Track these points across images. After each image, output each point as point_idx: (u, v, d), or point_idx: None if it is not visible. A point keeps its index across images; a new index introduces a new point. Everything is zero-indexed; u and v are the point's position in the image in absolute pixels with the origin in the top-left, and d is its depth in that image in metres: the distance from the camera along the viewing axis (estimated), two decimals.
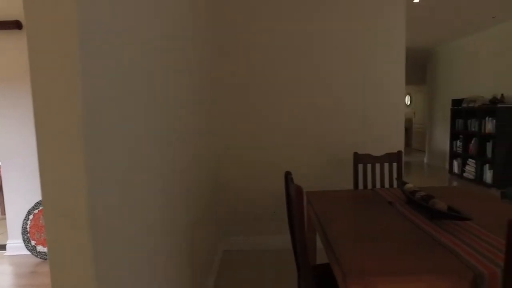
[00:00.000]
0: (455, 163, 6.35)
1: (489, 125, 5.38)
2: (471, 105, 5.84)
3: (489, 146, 5.41)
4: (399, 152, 2.41)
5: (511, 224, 0.92)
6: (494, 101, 5.33)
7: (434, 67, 7.62)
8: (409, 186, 1.93)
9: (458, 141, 6.27)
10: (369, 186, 2.80)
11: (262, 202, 3.02)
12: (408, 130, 10.91)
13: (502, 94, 5.36)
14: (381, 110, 2.94)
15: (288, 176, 1.63)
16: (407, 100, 11.12)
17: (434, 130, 7.66)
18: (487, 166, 5.45)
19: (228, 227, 3.05)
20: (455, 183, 5.88)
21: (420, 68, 9.38)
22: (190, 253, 1.82)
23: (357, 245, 1.34)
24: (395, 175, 2.90)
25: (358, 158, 2.43)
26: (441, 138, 7.28)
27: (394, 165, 2.89)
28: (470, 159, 5.92)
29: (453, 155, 6.43)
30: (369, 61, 2.91)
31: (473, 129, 5.81)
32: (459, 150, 6.20)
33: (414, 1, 4.06)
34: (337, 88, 2.93)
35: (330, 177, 2.98)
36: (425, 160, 8.07)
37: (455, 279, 1.09)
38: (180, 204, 1.63)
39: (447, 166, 6.91)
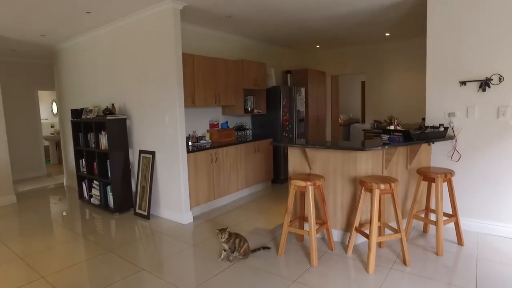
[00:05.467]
0: (84, 186, 5.25)
1: (104, 140, 4.58)
2: (89, 116, 4.86)
3: (108, 164, 4.61)
4: None
5: None
6: (105, 112, 4.56)
7: (60, 69, 6.23)
8: None
9: (83, 159, 5.18)
10: None
11: None
12: (58, 144, 9.12)
13: (113, 104, 4.69)
14: None
15: None
16: (55, 108, 9.29)
17: (67, 146, 6.31)
18: (109, 188, 4.66)
19: None
20: (87, 212, 4.75)
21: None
22: None
23: None
24: None
25: None
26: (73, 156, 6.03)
27: None
28: (95, 181, 4.97)
29: (81, 177, 5.30)
30: None
31: (93, 145, 4.86)
32: (85, 170, 5.13)
33: None
34: None
35: None
36: (65, 182, 6.62)
37: None
38: None
39: None
